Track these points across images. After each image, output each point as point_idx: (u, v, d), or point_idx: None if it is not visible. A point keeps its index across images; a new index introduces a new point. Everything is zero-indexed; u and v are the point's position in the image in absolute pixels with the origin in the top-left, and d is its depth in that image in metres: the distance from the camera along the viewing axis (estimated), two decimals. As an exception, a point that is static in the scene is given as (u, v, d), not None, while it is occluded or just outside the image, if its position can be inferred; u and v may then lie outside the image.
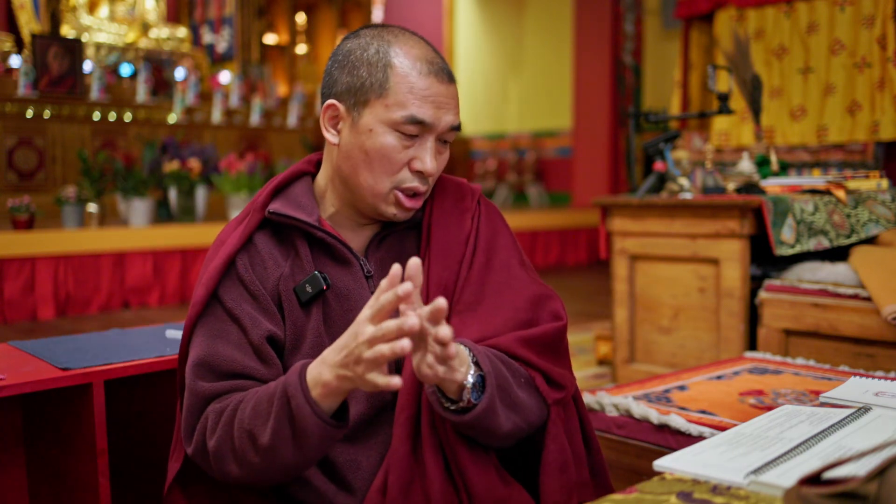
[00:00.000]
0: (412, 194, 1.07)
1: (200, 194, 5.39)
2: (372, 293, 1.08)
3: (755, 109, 3.07)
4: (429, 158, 1.04)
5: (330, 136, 1.09)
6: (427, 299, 1.06)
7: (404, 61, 1.03)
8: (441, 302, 0.84)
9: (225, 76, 6.75)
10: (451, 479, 0.99)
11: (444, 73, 1.05)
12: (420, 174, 1.06)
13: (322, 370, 0.91)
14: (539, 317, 1.08)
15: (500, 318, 1.06)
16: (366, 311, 0.87)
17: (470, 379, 0.93)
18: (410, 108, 1.02)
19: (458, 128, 1.08)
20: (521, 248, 1.18)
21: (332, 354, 0.90)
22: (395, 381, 0.85)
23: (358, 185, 1.07)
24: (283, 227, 1.10)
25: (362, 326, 0.86)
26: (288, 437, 0.93)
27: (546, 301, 1.10)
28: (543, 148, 8.95)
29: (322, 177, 1.14)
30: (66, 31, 6.11)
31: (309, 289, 1.06)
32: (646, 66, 7.59)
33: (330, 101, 1.08)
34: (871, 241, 2.65)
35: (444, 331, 0.84)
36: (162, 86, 6.27)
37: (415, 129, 1.03)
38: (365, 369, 0.86)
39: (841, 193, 2.66)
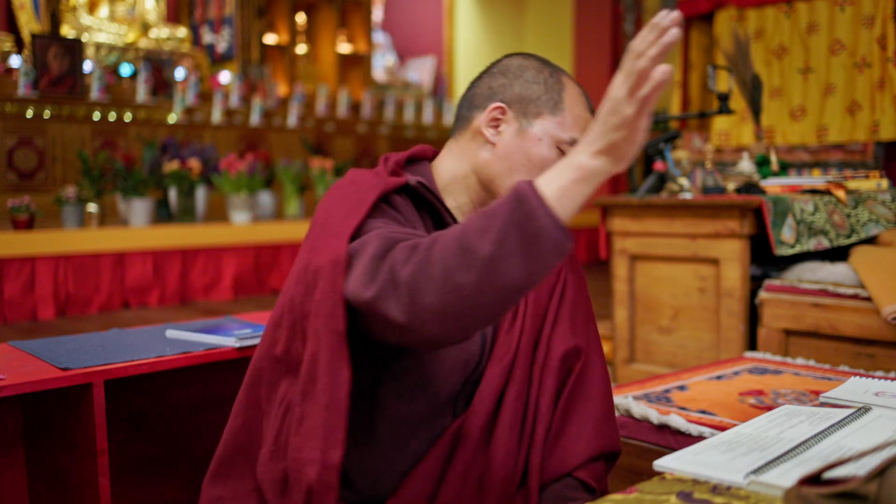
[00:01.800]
0: None
1: (200, 194, 5.39)
2: None
3: (755, 109, 3.07)
4: None
5: (489, 134, 1.13)
6: (524, 319, 1.15)
7: (574, 91, 1.14)
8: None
9: (225, 76, 6.75)
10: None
11: (593, 114, 1.15)
12: None
13: (567, 163, 0.87)
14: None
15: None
16: (619, 80, 0.86)
17: None
18: (576, 133, 1.12)
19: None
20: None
21: (586, 140, 0.87)
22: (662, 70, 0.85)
23: (506, 187, 1.11)
24: (420, 200, 1.11)
25: (617, 90, 0.86)
26: (515, 246, 0.83)
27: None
28: (543, 148, 8.92)
29: (447, 170, 1.17)
30: (66, 31, 6.11)
31: None
32: (646, 66, 7.58)
33: (499, 103, 1.13)
34: (871, 241, 2.65)
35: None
36: (162, 86, 6.27)
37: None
38: (635, 116, 0.86)
39: (841, 193, 2.66)
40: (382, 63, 8.59)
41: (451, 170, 1.16)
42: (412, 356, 1.05)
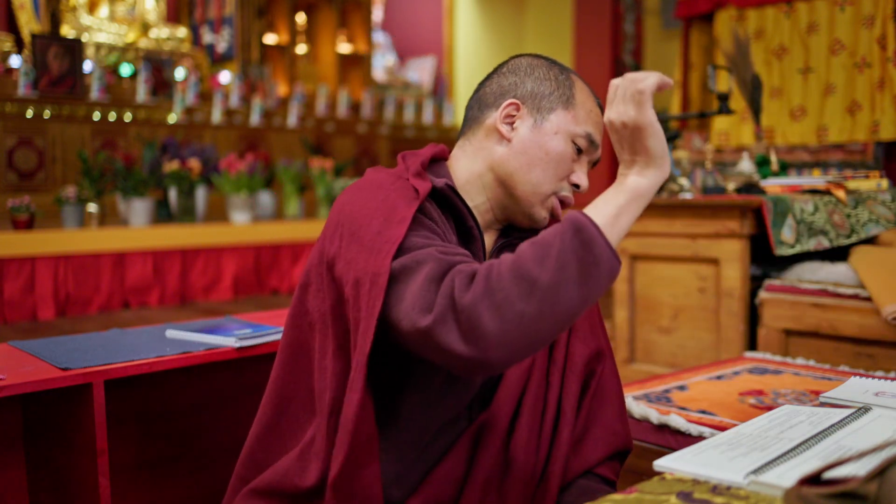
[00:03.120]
0: (563, 204, 1.18)
1: (200, 194, 5.39)
2: None
3: (755, 109, 3.07)
4: (584, 176, 1.16)
5: (504, 130, 1.14)
6: None
7: (583, 87, 1.17)
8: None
9: (225, 76, 6.74)
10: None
11: (602, 110, 1.18)
12: (575, 188, 1.16)
13: (617, 188, 0.95)
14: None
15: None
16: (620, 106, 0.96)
17: None
18: (589, 127, 1.14)
19: (597, 162, 1.21)
20: None
21: (625, 166, 0.96)
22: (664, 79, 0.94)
23: (524, 181, 1.12)
24: (445, 202, 1.11)
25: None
26: (574, 274, 0.87)
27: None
28: (543, 148, 8.92)
29: (463, 169, 1.17)
30: (66, 31, 6.11)
31: None
32: (646, 66, 7.58)
33: (513, 99, 1.14)
34: (871, 241, 2.65)
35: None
36: (162, 86, 6.26)
37: (585, 146, 1.14)
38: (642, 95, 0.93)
39: (841, 193, 2.66)
40: (382, 63, 8.59)
41: (467, 169, 1.16)
42: (433, 363, 1.05)
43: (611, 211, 0.92)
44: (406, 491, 1.05)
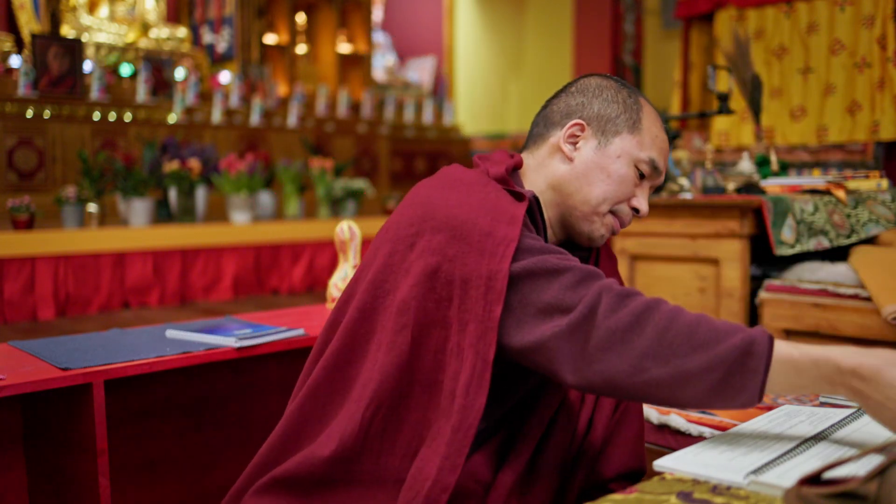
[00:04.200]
0: (620, 225, 1.18)
1: (200, 194, 5.39)
2: None
3: (755, 109, 3.07)
4: (645, 201, 1.17)
5: (567, 149, 1.15)
6: None
7: (650, 112, 1.16)
8: None
9: (225, 76, 6.74)
10: None
11: (668, 136, 1.19)
12: (635, 212, 1.17)
13: (819, 354, 0.85)
14: None
15: None
16: None
17: None
18: (654, 153, 1.14)
19: (661, 188, 1.18)
20: None
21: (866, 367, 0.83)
22: None
23: (584, 201, 1.13)
24: (530, 215, 1.10)
25: None
26: (714, 382, 0.86)
27: None
28: (543, 148, 8.91)
29: (529, 184, 1.17)
30: (66, 31, 6.10)
31: None
32: (646, 66, 7.58)
33: (578, 120, 1.15)
34: (871, 241, 2.65)
35: None
36: (162, 86, 6.26)
37: (648, 171, 1.15)
38: None
39: (841, 193, 2.66)
40: (382, 63, 8.58)
41: (531, 184, 1.17)
42: (494, 371, 1.03)
43: (796, 363, 0.85)
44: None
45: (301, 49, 7.64)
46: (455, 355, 0.97)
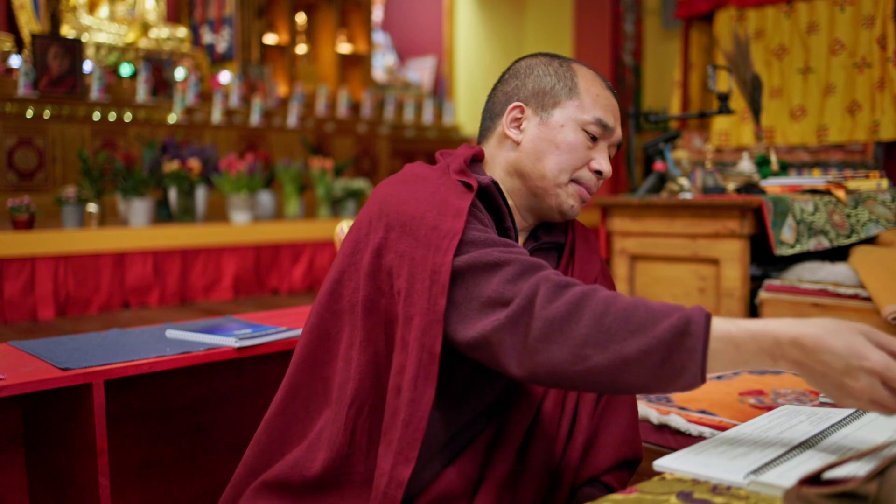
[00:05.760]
0: (587, 191, 1.16)
1: (200, 194, 5.39)
2: None
3: (755, 109, 3.07)
4: (605, 161, 1.14)
5: (513, 134, 1.15)
6: None
7: (587, 73, 1.16)
8: None
9: (225, 76, 6.74)
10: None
11: (613, 91, 1.17)
12: (598, 174, 1.15)
13: (765, 329, 0.83)
14: None
15: None
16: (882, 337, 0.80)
17: None
18: (598, 112, 1.13)
19: (620, 145, 1.18)
20: None
21: (802, 327, 0.81)
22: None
23: (541, 176, 1.13)
24: (489, 203, 1.10)
25: (868, 349, 0.79)
26: (654, 365, 0.84)
27: None
28: (543, 148, 8.91)
29: (492, 173, 1.17)
30: (66, 31, 6.10)
31: None
32: (646, 66, 7.59)
33: (516, 102, 1.15)
34: (871, 241, 2.65)
35: None
36: (162, 86, 6.26)
37: (598, 132, 1.13)
38: (860, 391, 0.79)
39: (841, 193, 2.66)
40: (382, 63, 8.58)
41: (493, 176, 1.17)
42: (461, 367, 1.04)
43: (734, 338, 0.83)
44: (417, 489, 1.05)
45: (301, 49, 7.64)
46: (400, 349, 0.97)
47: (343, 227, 1.97)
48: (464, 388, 1.07)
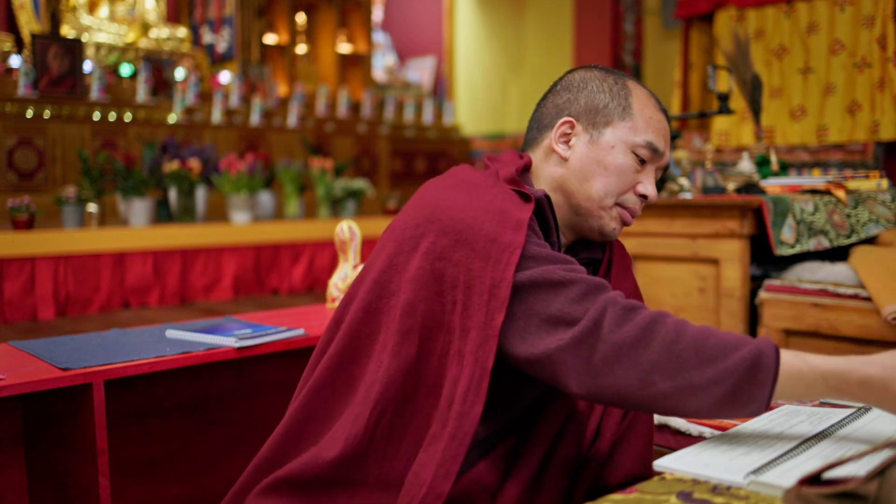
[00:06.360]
0: (630, 214, 1.14)
1: (200, 194, 5.39)
2: None
3: (755, 109, 3.07)
4: (651, 186, 1.13)
5: (561, 149, 1.13)
6: None
7: (641, 94, 1.13)
8: None
9: (225, 76, 6.74)
10: None
11: (666, 114, 1.15)
12: (642, 198, 1.13)
13: (827, 368, 0.87)
14: None
15: None
16: None
17: None
18: (650, 135, 1.10)
19: (667, 168, 1.16)
20: None
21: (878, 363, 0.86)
22: None
23: (587, 197, 1.11)
24: (539, 216, 1.08)
25: None
26: (722, 394, 0.87)
27: None
28: (543, 148, 8.91)
29: (536, 187, 1.15)
30: (66, 31, 6.10)
31: None
32: (646, 66, 7.58)
33: (567, 118, 1.13)
34: (871, 241, 2.65)
35: None
36: (162, 86, 6.26)
37: (648, 155, 1.11)
38: None
39: (841, 193, 2.66)
40: (382, 63, 8.58)
41: (537, 187, 1.15)
42: (498, 378, 1.03)
43: (804, 376, 0.87)
44: None
45: (301, 49, 7.64)
46: (456, 360, 0.97)
47: (343, 226, 1.97)
48: (498, 397, 1.06)
